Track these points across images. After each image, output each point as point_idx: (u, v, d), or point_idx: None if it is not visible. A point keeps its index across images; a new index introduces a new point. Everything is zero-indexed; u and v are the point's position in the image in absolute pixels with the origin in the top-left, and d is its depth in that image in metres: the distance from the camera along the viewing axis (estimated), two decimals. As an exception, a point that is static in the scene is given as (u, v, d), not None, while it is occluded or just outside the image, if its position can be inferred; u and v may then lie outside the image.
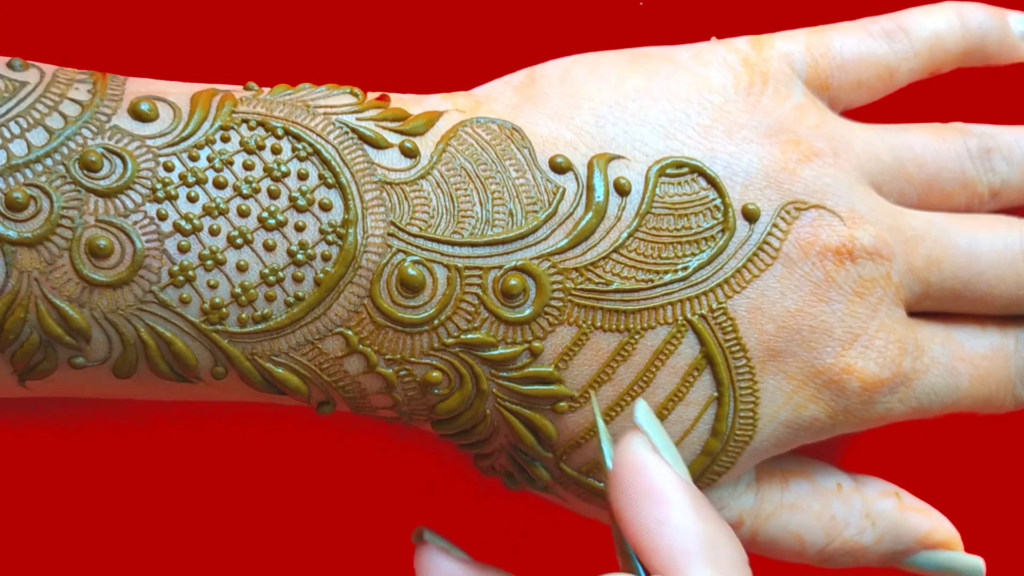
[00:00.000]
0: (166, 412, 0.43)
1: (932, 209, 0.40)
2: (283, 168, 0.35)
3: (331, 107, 0.36)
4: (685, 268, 0.37)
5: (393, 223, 0.36)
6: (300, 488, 0.44)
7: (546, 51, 0.40)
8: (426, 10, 0.43)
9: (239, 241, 0.35)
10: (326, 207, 0.35)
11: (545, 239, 0.36)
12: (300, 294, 0.35)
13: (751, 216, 0.37)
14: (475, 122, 0.37)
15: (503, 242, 0.36)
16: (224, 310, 0.35)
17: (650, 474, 0.32)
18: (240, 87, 0.37)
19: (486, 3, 0.43)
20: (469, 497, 0.45)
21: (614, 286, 0.37)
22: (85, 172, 0.34)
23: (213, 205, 0.35)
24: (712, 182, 0.37)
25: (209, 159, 0.35)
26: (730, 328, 0.37)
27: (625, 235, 0.37)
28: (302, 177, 0.35)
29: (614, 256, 0.37)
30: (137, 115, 0.35)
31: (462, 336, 0.36)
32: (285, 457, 0.44)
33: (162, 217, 0.34)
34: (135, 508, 0.44)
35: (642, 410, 0.34)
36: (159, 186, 0.35)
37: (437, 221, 0.36)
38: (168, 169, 0.35)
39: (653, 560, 0.31)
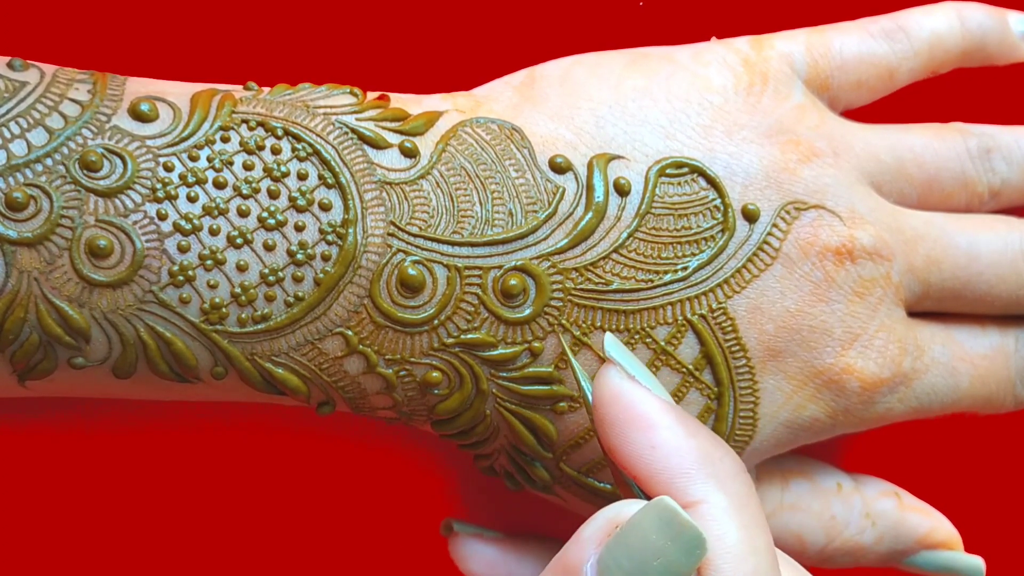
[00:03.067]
0: (166, 412, 0.43)
1: (932, 209, 0.40)
2: (283, 168, 0.35)
3: (331, 107, 0.36)
4: (685, 268, 0.37)
5: (393, 223, 0.36)
6: (300, 489, 0.44)
7: (546, 51, 0.40)
8: (426, 10, 0.43)
9: (239, 241, 0.35)
10: (326, 207, 0.35)
11: (545, 239, 0.36)
12: (300, 294, 0.35)
13: (751, 216, 0.37)
14: (475, 122, 0.37)
15: (503, 242, 0.36)
16: (224, 310, 0.35)
17: (631, 401, 0.32)
18: (240, 87, 0.37)
19: (486, 3, 0.43)
20: (468, 498, 0.45)
21: (614, 286, 0.37)
22: (85, 172, 0.34)
23: (213, 205, 0.35)
24: (712, 182, 0.37)
25: (209, 159, 0.35)
26: (730, 328, 0.37)
27: (625, 235, 0.37)
28: (302, 177, 0.35)
29: (614, 256, 0.37)
30: (137, 115, 0.35)
31: (462, 336, 0.36)
32: (285, 458, 0.44)
33: (162, 217, 0.34)
34: (135, 508, 0.44)
35: (611, 341, 0.33)
36: (159, 186, 0.35)
37: (437, 221, 0.36)
38: (168, 169, 0.35)
39: (653, 484, 0.31)
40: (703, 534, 0.30)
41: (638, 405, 0.32)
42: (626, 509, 0.31)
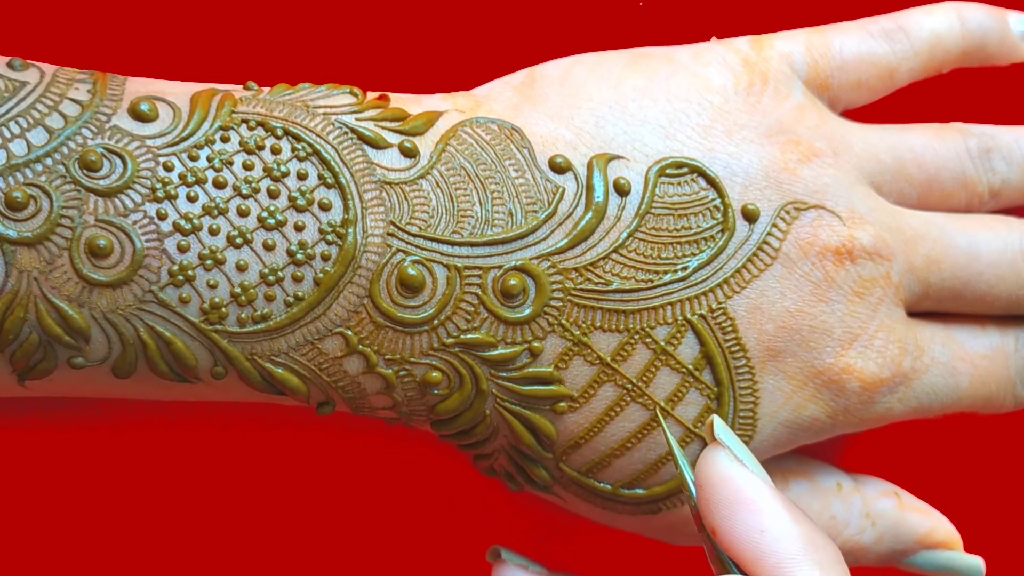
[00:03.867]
0: (165, 412, 0.43)
1: (932, 209, 0.40)
2: (282, 168, 0.35)
3: (330, 107, 0.36)
4: (685, 268, 0.37)
5: (393, 223, 0.36)
6: (299, 489, 0.44)
7: (546, 51, 0.40)
8: (426, 10, 0.43)
9: (239, 241, 0.35)
10: (325, 207, 0.35)
11: (545, 239, 0.36)
12: (300, 294, 0.35)
13: (751, 216, 0.37)
14: (475, 122, 0.37)
15: (503, 242, 0.36)
16: (224, 310, 0.35)
17: (740, 486, 0.33)
18: (240, 87, 0.37)
19: (486, 3, 0.43)
20: (468, 498, 0.45)
21: (614, 286, 0.37)
22: (85, 172, 0.34)
23: (213, 205, 0.35)
24: (712, 182, 0.37)
25: (209, 159, 0.35)
26: (730, 328, 0.37)
27: (625, 235, 0.37)
28: (301, 177, 0.35)
29: (614, 256, 0.37)
30: (137, 115, 0.35)
31: (462, 336, 0.36)
32: (284, 458, 0.44)
33: (162, 217, 0.34)
34: (134, 508, 0.44)
35: (719, 425, 0.34)
36: (159, 186, 0.35)
37: (437, 221, 0.36)
38: (168, 169, 0.35)
39: (760, 568, 0.32)
40: None
41: (748, 489, 0.32)
42: None
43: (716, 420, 0.34)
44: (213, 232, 0.35)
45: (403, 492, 0.45)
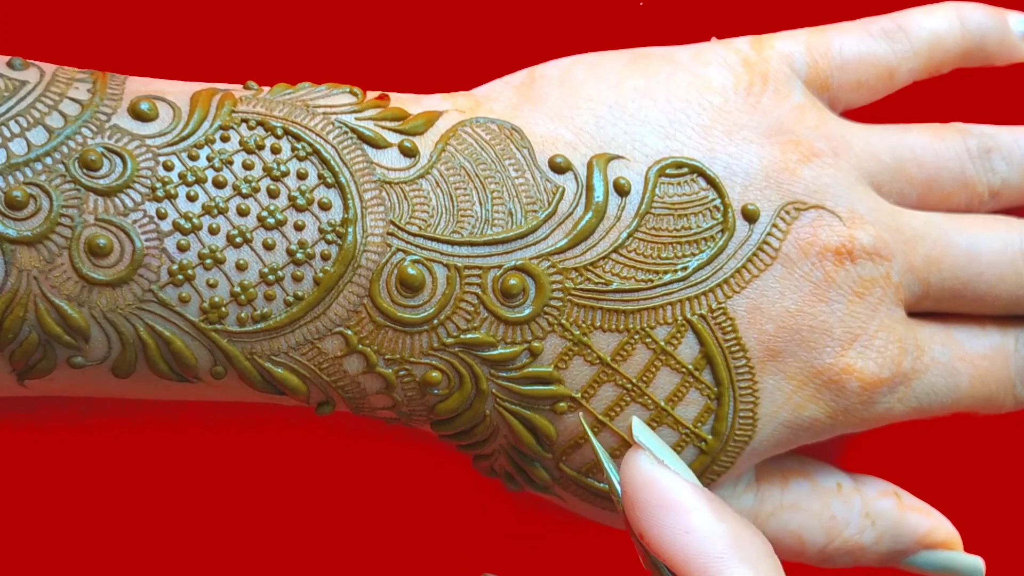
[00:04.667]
0: (165, 412, 0.43)
1: (932, 209, 0.40)
2: (282, 168, 0.35)
3: (330, 107, 0.36)
4: (685, 268, 0.37)
5: (392, 222, 0.36)
6: (299, 490, 0.44)
7: (546, 51, 0.40)
8: (426, 10, 0.43)
9: (238, 240, 0.35)
10: (325, 206, 0.35)
11: (544, 239, 0.36)
12: (299, 293, 0.35)
13: (751, 216, 0.37)
14: (474, 122, 0.37)
15: (502, 241, 0.36)
16: (223, 309, 0.35)
17: (663, 487, 0.32)
18: (240, 86, 0.37)
19: (486, 3, 0.43)
20: (468, 498, 0.45)
21: (614, 286, 0.37)
22: (85, 171, 0.34)
23: (212, 204, 0.35)
24: (712, 182, 0.37)
25: (209, 158, 0.35)
26: (730, 328, 0.37)
27: (625, 235, 0.37)
28: (301, 176, 0.35)
29: (613, 256, 0.37)
30: (137, 114, 0.35)
31: (462, 336, 0.36)
32: (284, 459, 0.44)
33: (161, 216, 0.34)
34: (133, 508, 0.44)
35: (638, 426, 0.34)
36: (159, 185, 0.35)
37: (436, 220, 0.36)
38: (168, 168, 0.35)
39: (688, 569, 0.32)
40: None
41: (670, 491, 0.32)
42: None
43: (635, 421, 0.34)
44: (213, 231, 0.35)
45: (403, 492, 0.45)
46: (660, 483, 0.32)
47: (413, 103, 0.38)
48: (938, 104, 0.43)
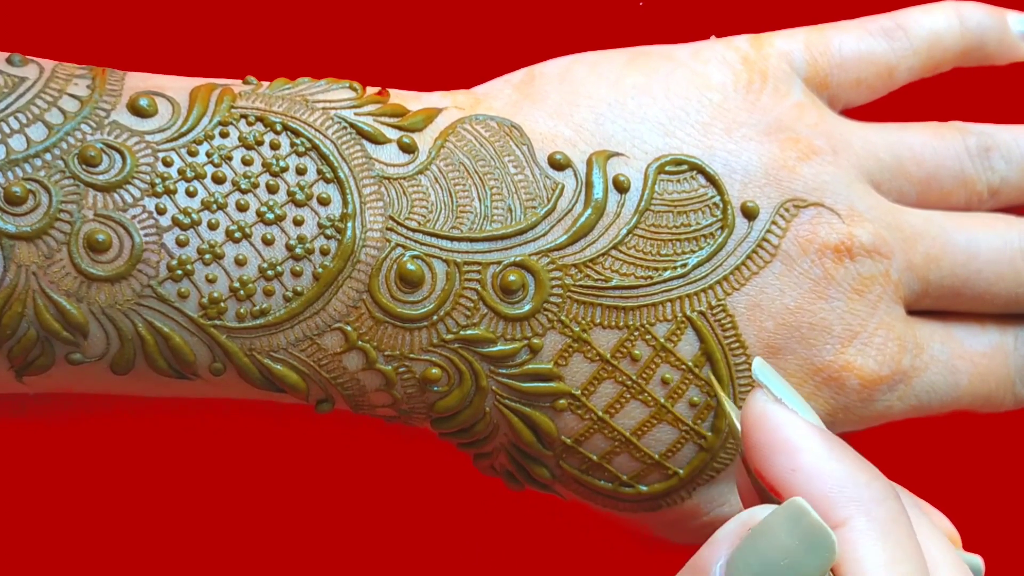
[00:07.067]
0: (164, 410, 0.43)
1: (931, 207, 0.40)
2: (281, 163, 0.35)
3: (330, 102, 0.36)
4: (684, 265, 0.37)
5: (391, 218, 0.36)
6: (297, 489, 0.44)
7: (546, 51, 0.40)
8: (427, 10, 0.43)
9: (237, 235, 0.35)
10: (324, 201, 0.35)
11: (544, 235, 0.36)
12: (298, 289, 0.35)
13: (750, 213, 0.37)
14: (474, 119, 0.37)
15: (502, 237, 0.36)
16: (222, 304, 0.35)
17: (776, 424, 0.32)
18: (239, 81, 0.37)
19: (486, 3, 0.44)
20: (468, 498, 0.45)
21: (613, 283, 0.36)
22: (84, 167, 0.34)
23: (212, 200, 0.35)
24: (711, 179, 0.37)
25: (208, 154, 0.35)
26: (729, 325, 0.37)
27: (624, 232, 0.37)
28: (300, 172, 0.35)
29: (613, 253, 0.37)
30: (136, 110, 0.35)
31: (461, 332, 0.36)
32: (282, 457, 0.44)
33: (161, 211, 0.34)
34: (132, 506, 0.43)
35: (759, 364, 0.33)
36: (158, 181, 0.35)
37: (436, 216, 0.36)
38: (167, 164, 0.35)
39: None
40: (832, 535, 0.30)
41: (782, 428, 0.32)
42: (761, 512, 0.31)
43: (756, 360, 0.33)
44: (212, 227, 0.35)
45: (402, 492, 0.45)
46: (773, 420, 0.32)
47: (413, 100, 0.38)
48: (938, 103, 0.43)
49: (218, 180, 0.35)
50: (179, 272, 0.34)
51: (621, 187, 0.37)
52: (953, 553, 0.33)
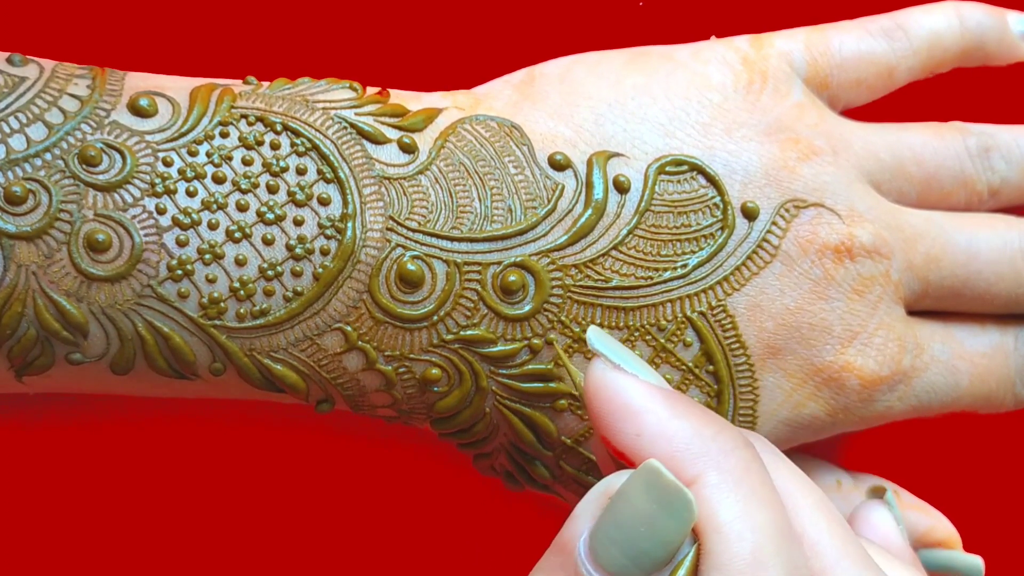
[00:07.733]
0: (163, 410, 0.43)
1: (931, 207, 0.40)
2: (282, 163, 0.35)
3: (330, 102, 0.36)
4: (684, 265, 0.37)
5: (392, 218, 0.36)
6: (297, 490, 0.44)
7: (546, 51, 0.40)
8: (427, 10, 0.43)
9: (238, 235, 0.35)
10: (324, 201, 0.35)
11: (544, 235, 0.36)
12: (299, 289, 0.35)
13: (750, 214, 0.37)
14: (474, 119, 0.37)
15: (502, 238, 0.36)
16: (222, 304, 0.35)
17: (615, 391, 0.31)
18: (239, 81, 0.37)
19: (486, 3, 0.44)
20: (468, 498, 0.45)
21: (613, 283, 0.37)
22: (84, 167, 0.34)
23: (212, 200, 0.35)
24: (711, 180, 0.37)
25: (208, 154, 0.35)
26: (730, 325, 0.37)
27: (624, 232, 0.37)
28: (301, 172, 0.35)
29: (613, 253, 0.37)
30: (136, 110, 0.35)
31: (461, 332, 0.36)
32: (282, 458, 0.44)
33: (161, 211, 0.34)
34: (131, 506, 0.43)
35: (593, 332, 0.33)
36: (158, 181, 0.35)
37: (436, 216, 0.36)
38: (167, 164, 0.35)
39: None
40: (688, 494, 0.29)
41: (621, 393, 0.31)
42: (618, 479, 0.30)
43: (591, 329, 0.33)
44: (212, 227, 0.35)
45: (402, 493, 0.45)
46: (612, 387, 0.31)
47: (413, 100, 0.38)
48: (938, 103, 0.43)
49: (218, 180, 0.35)
50: (179, 272, 0.34)
51: (621, 187, 0.37)
52: (816, 494, 0.32)
